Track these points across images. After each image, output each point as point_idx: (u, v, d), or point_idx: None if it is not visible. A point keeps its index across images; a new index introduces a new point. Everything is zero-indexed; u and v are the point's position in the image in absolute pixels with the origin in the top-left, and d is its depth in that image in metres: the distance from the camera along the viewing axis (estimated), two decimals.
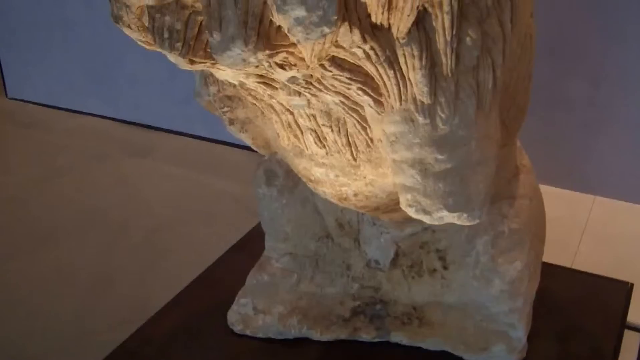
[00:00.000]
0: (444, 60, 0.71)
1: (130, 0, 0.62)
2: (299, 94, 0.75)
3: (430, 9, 0.68)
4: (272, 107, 0.82)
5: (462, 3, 0.70)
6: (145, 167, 2.23)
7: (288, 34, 0.63)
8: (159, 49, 0.68)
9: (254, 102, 0.84)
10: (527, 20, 0.87)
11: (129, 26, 0.71)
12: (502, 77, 0.78)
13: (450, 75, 0.72)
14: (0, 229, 1.88)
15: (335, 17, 0.61)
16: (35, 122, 2.63)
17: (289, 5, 0.60)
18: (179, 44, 0.65)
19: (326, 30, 0.62)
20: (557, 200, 1.76)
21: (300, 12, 0.60)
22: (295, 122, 0.82)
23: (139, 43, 0.74)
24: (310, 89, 0.73)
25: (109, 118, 2.60)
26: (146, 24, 0.69)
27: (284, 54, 0.66)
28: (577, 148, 1.84)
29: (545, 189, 1.15)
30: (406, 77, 0.71)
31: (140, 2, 0.62)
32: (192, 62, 0.67)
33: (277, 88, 0.75)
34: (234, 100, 0.89)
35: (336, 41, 0.66)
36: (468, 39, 0.71)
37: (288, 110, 0.80)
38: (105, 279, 1.65)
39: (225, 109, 0.90)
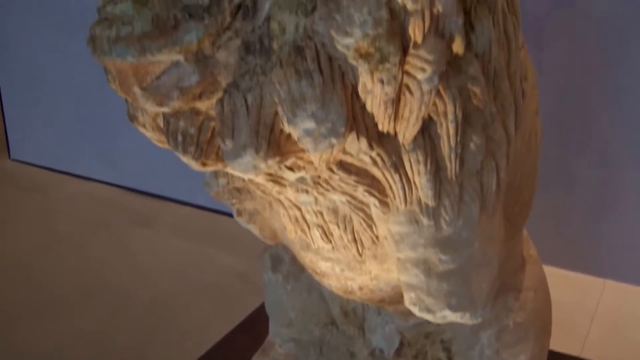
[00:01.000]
0: (448, 164, 0.73)
1: (146, 106, 0.64)
2: (307, 192, 0.76)
3: (435, 117, 0.70)
4: (280, 201, 0.83)
5: (467, 110, 0.72)
6: (148, 237, 2.20)
7: (298, 143, 0.64)
8: (172, 150, 0.70)
9: (263, 195, 0.86)
10: (532, 119, 0.89)
11: (144, 126, 0.73)
12: (506, 177, 0.79)
13: (454, 178, 0.74)
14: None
15: (344, 129, 0.63)
16: (37, 185, 2.60)
17: (299, 117, 0.62)
18: (192, 148, 0.67)
19: (334, 141, 0.64)
20: (565, 284, 1.71)
21: (310, 125, 0.62)
22: (303, 217, 0.83)
23: (153, 141, 0.76)
24: (317, 188, 0.75)
25: (113, 184, 2.58)
26: (160, 125, 0.71)
27: (293, 159, 0.68)
28: (586, 229, 1.79)
29: (553, 272, 1.13)
30: (411, 181, 0.73)
31: (156, 109, 0.64)
32: (204, 164, 0.69)
33: (285, 185, 0.77)
34: (243, 193, 0.90)
35: (344, 148, 0.68)
36: (472, 144, 0.73)
37: (296, 205, 0.82)
38: (105, 350, 1.62)
39: (234, 201, 0.91)
